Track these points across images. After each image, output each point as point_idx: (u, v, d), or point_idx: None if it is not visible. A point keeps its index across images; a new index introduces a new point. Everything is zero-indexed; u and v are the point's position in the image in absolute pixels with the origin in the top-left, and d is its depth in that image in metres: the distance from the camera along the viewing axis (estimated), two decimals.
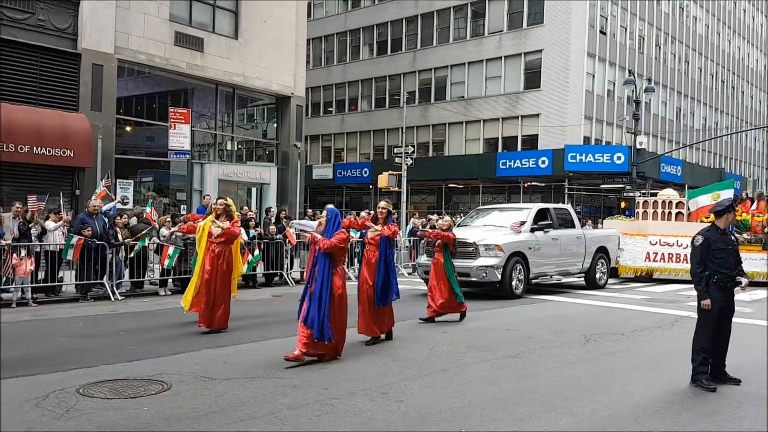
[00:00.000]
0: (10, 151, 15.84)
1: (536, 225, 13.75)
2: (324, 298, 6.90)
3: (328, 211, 7.28)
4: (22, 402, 5.29)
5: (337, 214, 7.25)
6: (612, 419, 5.20)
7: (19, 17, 16.98)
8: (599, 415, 5.31)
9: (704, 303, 6.20)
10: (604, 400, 5.72)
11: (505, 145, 35.34)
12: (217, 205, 9.26)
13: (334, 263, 7.13)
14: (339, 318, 7.10)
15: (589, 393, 5.93)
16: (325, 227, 7.16)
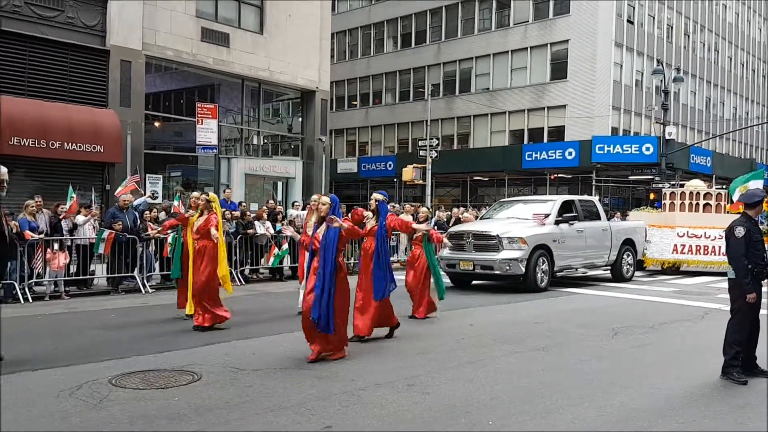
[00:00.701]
0: (41, 147, 16.17)
1: (561, 217, 13.62)
2: (330, 290, 6.57)
3: (331, 198, 6.98)
4: (57, 392, 5.43)
5: (336, 201, 6.96)
6: (641, 412, 5.16)
7: (49, 15, 17.29)
8: (627, 407, 5.27)
9: (750, 296, 6.03)
10: (633, 393, 5.68)
11: (531, 137, 35.04)
12: (199, 200, 9.03)
13: (338, 254, 6.82)
14: (343, 311, 6.84)
15: (617, 386, 5.89)
16: (329, 213, 6.80)
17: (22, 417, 4.80)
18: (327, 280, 6.56)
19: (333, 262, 6.65)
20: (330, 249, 6.69)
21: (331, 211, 6.82)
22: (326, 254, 6.66)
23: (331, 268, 6.63)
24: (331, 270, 6.63)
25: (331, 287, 6.59)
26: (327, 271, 6.60)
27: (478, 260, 12.83)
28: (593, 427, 4.81)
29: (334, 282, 6.62)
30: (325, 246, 6.71)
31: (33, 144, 16.03)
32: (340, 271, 6.73)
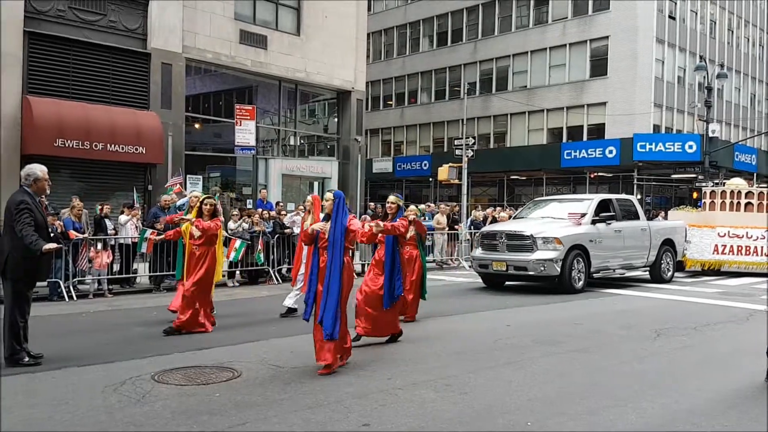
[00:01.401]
0: (85, 148, 16.60)
1: (598, 217, 13.30)
2: (337, 293, 6.15)
3: (335, 193, 6.48)
4: (102, 387, 5.57)
5: (342, 196, 6.48)
6: (683, 414, 5.06)
7: (92, 19, 17.74)
8: (670, 410, 5.17)
9: None
10: (675, 395, 5.56)
11: (570, 135, 34.58)
12: (207, 206, 8.64)
13: (345, 252, 6.35)
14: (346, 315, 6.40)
15: (659, 388, 5.77)
16: (333, 211, 6.34)
17: (69, 412, 4.93)
18: (332, 282, 6.14)
19: (339, 262, 6.20)
20: (333, 248, 6.22)
21: (335, 207, 6.33)
22: (333, 252, 6.21)
23: (338, 268, 6.19)
24: (339, 270, 6.18)
25: (338, 288, 6.15)
26: (332, 272, 6.16)
27: (511, 261, 12.64)
28: (634, 429, 4.73)
29: (339, 284, 6.17)
30: (331, 244, 6.25)
31: (77, 145, 16.46)
32: (346, 269, 6.29)
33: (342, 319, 6.24)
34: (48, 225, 6.82)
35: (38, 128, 15.97)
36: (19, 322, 6.34)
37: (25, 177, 6.52)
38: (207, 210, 8.57)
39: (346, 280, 6.29)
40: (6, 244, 6.39)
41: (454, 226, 19.31)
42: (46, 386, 5.63)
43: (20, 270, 6.34)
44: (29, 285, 6.62)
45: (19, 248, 6.26)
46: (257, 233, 13.92)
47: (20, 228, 6.18)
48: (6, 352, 6.32)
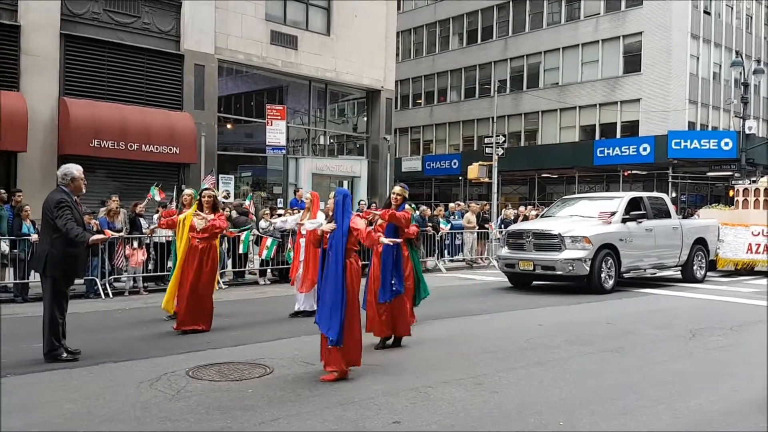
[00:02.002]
0: (120, 148, 16.93)
1: (628, 215, 13.03)
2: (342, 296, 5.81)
3: (336, 192, 6.21)
4: (138, 383, 5.69)
5: (346, 194, 6.14)
6: (719, 415, 4.97)
7: (126, 21, 18.08)
8: (705, 410, 5.09)
9: None
10: (711, 395, 5.47)
11: (602, 133, 34.12)
12: (205, 198, 8.46)
13: (348, 254, 5.99)
14: (353, 321, 5.97)
15: (694, 388, 5.68)
16: (335, 210, 6.07)
17: (106, 407, 5.05)
18: (337, 284, 5.82)
19: (341, 264, 5.86)
20: (335, 249, 5.91)
21: (337, 209, 6.04)
22: (335, 255, 5.89)
23: (341, 271, 5.85)
24: (341, 273, 5.85)
25: (341, 294, 5.82)
26: (335, 275, 5.85)
27: (538, 260, 12.44)
28: (668, 430, 4.66)
29: (344, 287, 5.83)
30: (331, 246, 5.95)
31: (113, 146, 16.80)
32: (348, 274, 5.89)
33: (351, 324, 5.87)
34: (85, 223, 6.95)
35: (75, 129, 16.34)
36: (58, 318, 6.50)
37: (62, 176, 6.66)
38: (206, 203, 8.38)
39: (350, 284, 5.89)
40: (45, 243, 6.54)
41: (484, 225, 19.22)
42: (84, 381, 5.77)
43: (59, 268, 6.47)
44: (68, 282, 6.79)
45: (58, 246, 6.41)
46: (288, 231, 14.03)
47: (63, 223, 6.30)
48: (45, 348, 6.48)
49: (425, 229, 16.88)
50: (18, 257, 11.24)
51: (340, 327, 5.75)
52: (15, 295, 11.23)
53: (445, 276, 16.26)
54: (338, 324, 5.74)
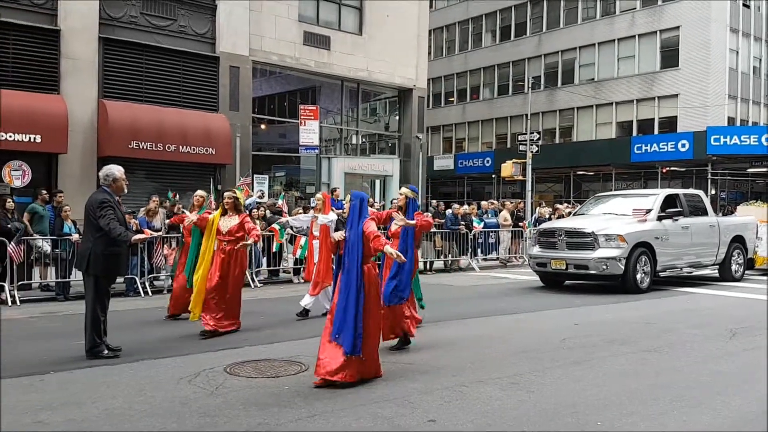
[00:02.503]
0: (158, 150, 17.25)
1: (664, 212, 12.75)
2: (354, 306, 5.61)
3: (352, 195, 5.99)
4: (177, 379, 5.80)
5: (363, 198, 5.92)
6: (759, 416, 4.85)
7: (163, 24, 18.42)
8: (744, 411, 4.98)
9: None
10: (751, 396, 5.35)
11: (640, 129, 33.53)
12: (226, 199, 8.30)
13: (366, 260, 5.76)
14: (370, 329, 5.75)
15: (734, 389, 5.56)
16: (349, 215, 5.89)
17: (147, 402, 5.16)
18: (351, 292, 5.62)
19: (357, 271, 5.65)
20: (351, 255, 5.72)
21: (352, 213, 5.82)
22: (350, 261, 5.71)
23: (356, 278, 5.64)
24: (356, 280, 5.64)
25: (355, 300, 5.61)
26: (350, 282, 5.65)
27: (571, 259, 12.23)
28: (707, 430, 4.59)
29: (360, 294, 5.63)
30: (348, 251, 5.76)
31: (151, 147, 17.13)
32: (366, 279, 5.70)
33: (368, 333, 5.67)
34: (126, 223, 7.10)
35: (114, 131, 16.71)
36: (100, 316, 6.66)
37: (104, 177, 6.82)
38: (228, 204, 8.22)
39: (368, 291, 5.69)
40: (88, 242, 6.70)
41: (518, 224, 19.07)
42: (125, 378, 5.90)
43: (102, 266, 6.63)
44: (110, 280, 6.94)
45: (100, 245, 6.57)
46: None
47: (106, 223, 6.46)
48: (87, 344, 6.64)
49: (458, 228, 16.83)
50: (59, 256, 11.54)
51: (355, 337, 5.54)
52: (57, 294, 11.53)
53: (479, 275, 16.19)
54: (353, 335, 5.53)
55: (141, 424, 4.58)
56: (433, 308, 10.40)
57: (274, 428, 4.52)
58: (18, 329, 8.55)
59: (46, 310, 10.29)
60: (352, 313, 5.57)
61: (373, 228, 5.77)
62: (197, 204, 9.56)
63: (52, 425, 4.56)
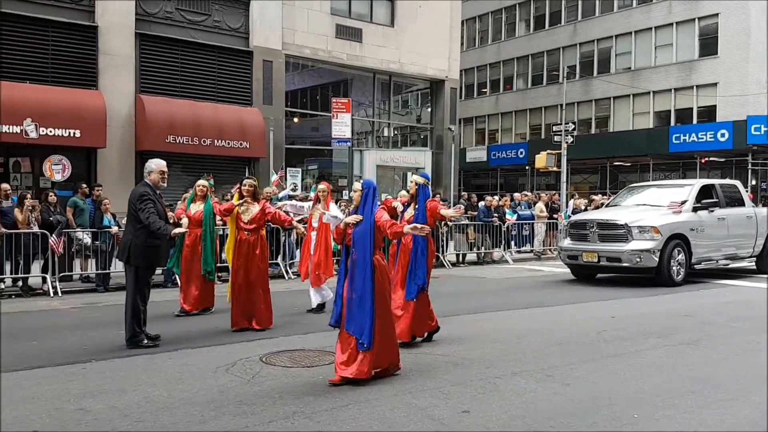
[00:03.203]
0: (194, 144, 17.50)
1: (699, 203, 12.46)
2: (370, 297, 5.40)
3: (363, 183, 5.77)
4: (215, 368, 5.90)
5: (373, 186, 5.72)
6: None
7: (198, 19, 18.65)
8: None
9: None
10: None
11: (678, 118, 32.82)
12: (246, 186, 8.05)
13: (376, 251, 5.56)
14: (385, 321, 5.59)
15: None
16: (360, 203, 5.65)
17: (185, 390, 5.27)
18: (363, 284, 5.42)
19: (369, 261, 5.45)
20: (362, 246, 5.51)
21: (365, 201, 5.61)
22: (360, 252, 5.50)
23: (367, 270, 5.44)
24: (368, 271, 5.43)
25: (370, 291, 5.41)
26: (362, 273, 5.44)
27: (603, 251, 12.00)
28: (747, 425, 4.49)
29: (371, 286, 5.42)
30: (356, 242, 5.55)
31: (187, 141, 17.39)
32: (376, 271, 5.50)
33: (382, 327, 5.49)
34: (167, 215, 7.24)
35: (151, 126, 17.00)
36: (140, 306, 6.81)
37: (144, 170, 7.09)
38: (247, 192, 8.00)
39: (380, 283, 5.51)
40: (129, 234, 6.87)
41: (552, 216, 18.87)
42: (164, 366, 6.03)
43: (142, 257, 6.77)
44: (150, 271, 7.11)
45: (141, 237, 6.73)
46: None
47: (146, 216, 6.61)
48: (127, 334, 6.80)
49: (491, 220, 16.73)
50: (99, 249, 11.82)
51: (371, 330, 5.35)
52: (97, 285, 11.81)
53: (512, 267, 16.09)
54: (369, 327, 5.35)
55: (180, 412, 4.68)
56: (466, 300, 10.40)
57: (310, 416, 4.58)
58: (60, 319, 8.81)
59: (87, 300, 10.56)
60: (368, 306, 5.37)
61: (385, 217, 5.64)
62: (201, 195, 9.19)
63: (94, 412, 4.68)
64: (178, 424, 4.43)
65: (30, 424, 4.45)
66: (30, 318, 9.00)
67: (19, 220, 11.09)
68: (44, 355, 6.44)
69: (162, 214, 6.90)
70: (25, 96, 15.21)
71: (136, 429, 4.35)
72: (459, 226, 16.45)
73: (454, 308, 9.34)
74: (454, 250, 16.56)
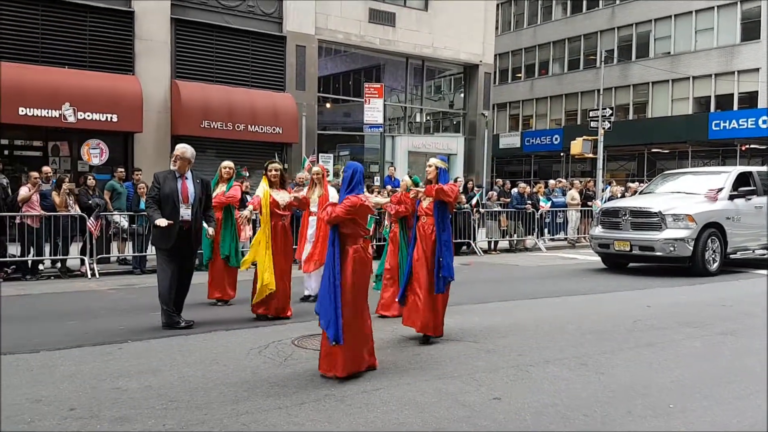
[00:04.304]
0: (228, 129, 17.65)
1: (736, 191, 12.10)
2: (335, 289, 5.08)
3: (347, 165, 5.38)
4: (248, 350, 5.98)
5: (356, 170, 5.30)
6: None
7: (232, 5, 18.73)
8: None
9: None
10: None
11: (718, 104, 31.96)
12: (272, 172, 7.74)
13: (345, 241, 5.22)
14: (354, 317, 5.17)
15: None
16: (342, 188, 5.34)
17: (219, 371, 5.34)
18: (330, 276, 5.13)
19: (338, 251, 5.15)
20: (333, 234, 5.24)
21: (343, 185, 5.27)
22: (332, 242, 5.24)
23: (337, 260, 5.13)
24: (337, 262, 5.12)
25: (334, 286, 5.09)
26: (331, 263, 5.16)
27: (636, 240, 11.71)
28: None
29: (338, 274, 5.10)
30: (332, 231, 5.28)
31: (221, 126, 17.55)
32: (350, 264, 5.15)
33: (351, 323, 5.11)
34: (178, 198, 6.84)
35: (186, 111, 17.19)
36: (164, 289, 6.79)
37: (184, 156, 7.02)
38: (275, 177, 7.69)
39: (348, 275, 5.13)
40: None
41: (587, 203, 18.57)
42: (199, 348, 6.11)
43: (153, 238, 7.07)
44: (163, 252, 6.86)
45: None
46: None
47: (146, 205, 6.99)
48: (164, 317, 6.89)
49: (524, 207, 16.54)
50: (136, 231, 12.04)
51: (338, 324, 5.00)
52: (133, 267, 12.04)
53: (546, 255, 15.92)
54: (335, 320, 5.01)
55: (214, 392, 4.74)
56: (499, 288, 10.33)
57: (341, 399, 4.60)
58: (97, 300, 9.00)
59: (124, 282, 10.77)
60: (333, 299, 5.05)
61: (344, 202, 5.14)
62: (226, 177, 8.82)
63: (129, 391, 4.77)
64: (212, 404, 4.49)
65: (67, 401, 4.55)
66: (68, 299, 9.22)
67: (56, 203, 11.35)
68: (82, 335, 6.59)
69: (171, 199, 6.78)
70: (64, 81, 15.51)
71: (170, 408, 4.42)
72: (492, 213, 16.31)
73: (486, 295, 9.29)
74: (485, 237, 16.44)
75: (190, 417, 4.25)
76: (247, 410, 4.38)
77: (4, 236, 10.93)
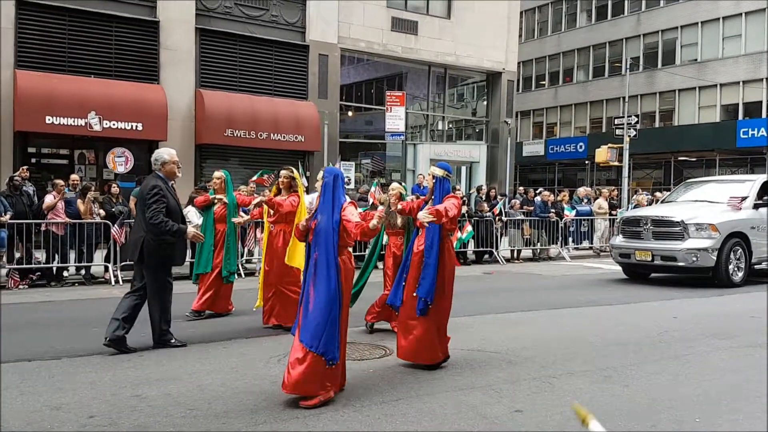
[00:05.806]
0: (251, 137, 17.76)
1: (761, 200, 11.81)
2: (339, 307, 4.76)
3: (325, 171, 5.03)
4: (267, 359, 5.97)
5: (338, 175, 4.96)
6: None
7: (255, 14, 18.89)
8: None
9: None
10: None
11: (746, 112, 31.39)
12: (282, 178, 7.45)
13: (341, 251, 4.87)
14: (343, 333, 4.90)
15: None
16: (321, 196, 4.94)
17: (239, 380, 5.33)
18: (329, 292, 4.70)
19: (335, 265, 4.73)
20: (324, 245, 4.76)
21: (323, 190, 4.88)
22: (323, 252, 4.76)
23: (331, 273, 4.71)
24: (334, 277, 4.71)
25: (337, 303, 4.73)
26: (326, 277, 4.71)
27: (657, 250, 11.47)
28: None
29: (339, 295, 4.73)
30: (321, 239, 4.79)
31: (245, 135, 17.66)
32: (343, 276, 4.80)
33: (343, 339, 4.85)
34: (181, 209, 6.56)
35: (210, 119, 17.34)
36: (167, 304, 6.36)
37: (154, 161, 6.37)
38: (284, 184, 7.43)
39: (345, 290, 4.83)
40: (141, 230, 6.21)
41: (612, 212, 18.33)
42: (219, 357, 6.12)
43: (156, 256, 6.15)
44: (167, 271, 6.38)
45: (153, 234, 6.12)
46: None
47: (152, 215, 6.00)
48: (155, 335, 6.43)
49: (547, 216, 16.38)
50: None
51: (339, 343, 4.73)
52: None
53: (570, 264, 15.72)
54: (337, 340, 4.72)
55: (233, 401, 4.72)
56: (521, 297, 10.21)
57: (359, 410, 4.55)
58: None
59: None
60: (336, 318, 4.70)
61: (352, 213, 4.81)
62: (215, 187, 8.50)
63: (148, 399, 4.78)
64: (231, 413, 4.48)
65: (87, 408, 4.57)
66: (92, 305, 9.31)
67: (81, 210, 11.49)
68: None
69: (175, 210, 6.26)
70: (90, 90, 15.74)
71: (188, 417, 4.41)
72: (515, 222, 16.17)
73: (508, 305, 9.18)
74: (508, 245, 16.30)
75: (208, 426, 4.24)
76: (266, 419, 4.36)
77: (29, 243, 11.10)
